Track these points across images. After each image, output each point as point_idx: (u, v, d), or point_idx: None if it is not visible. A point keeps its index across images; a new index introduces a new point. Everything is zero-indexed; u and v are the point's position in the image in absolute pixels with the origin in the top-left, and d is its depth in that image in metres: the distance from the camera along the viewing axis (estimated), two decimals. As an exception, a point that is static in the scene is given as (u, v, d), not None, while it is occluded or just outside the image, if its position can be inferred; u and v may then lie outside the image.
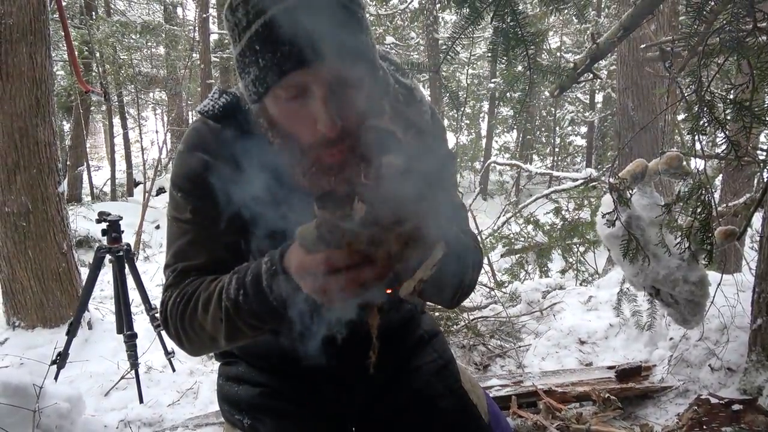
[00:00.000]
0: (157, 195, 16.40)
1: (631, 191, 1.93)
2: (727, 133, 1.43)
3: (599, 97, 14.73)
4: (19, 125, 3.47)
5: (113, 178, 13.94)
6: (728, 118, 1.52)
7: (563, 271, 5.65)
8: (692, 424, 2.04)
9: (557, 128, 15.78)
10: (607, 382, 2.63)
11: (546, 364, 3.05)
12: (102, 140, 20.10)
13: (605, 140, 13.81)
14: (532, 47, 1.48)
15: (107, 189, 14.54)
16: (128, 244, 2.79)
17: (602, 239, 2.24)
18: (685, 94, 1.93)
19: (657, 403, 2.55)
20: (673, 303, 2.22)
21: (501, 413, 1.30)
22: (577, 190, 5.78)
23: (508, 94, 2.11)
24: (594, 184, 5.87)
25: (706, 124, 1.64)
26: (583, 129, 15.82)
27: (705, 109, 1.56)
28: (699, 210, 1.51)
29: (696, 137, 1.72)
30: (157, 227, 12.19)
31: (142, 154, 15.29)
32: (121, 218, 2.76)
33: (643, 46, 3.82)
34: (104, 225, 2.72)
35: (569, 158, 16.40)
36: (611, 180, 1.71)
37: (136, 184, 16.30)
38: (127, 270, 2.81)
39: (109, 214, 2.77)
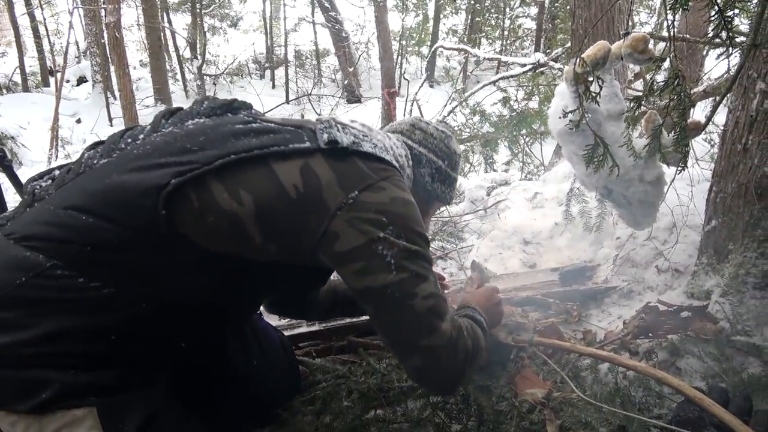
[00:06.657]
0: (78, 85, 14.91)
1: (591, 80, 1.63)
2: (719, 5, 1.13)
3: (551, -25, 13.95)
4: None
5: (22, 66, 12.54)
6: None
7: (508, 162, 5.49)
8: (638, 332, 1.93)
9: (507, 9, 15.02)
10: (551, 285, 2.50)
11: (489, 265, 2.90)
12: (7, 22, 17.85)
13: (555, 23, 13.26)
14: None
15: (18, 78, 13.10)
16: (2, 150, 2.30)
17: (554, 135, 1.97)
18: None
19: (600, 305, 2.46)
20: (626, 204, 2.04)
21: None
22: (526, 76, 5.46)
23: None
24: (542, 69, 5.55)
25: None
26: (534, 10, 15.13)
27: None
28: (674, 104, 1.24)
29: (674, 13, 1.40)
30: (78, 121, 11.11)
31: (48, 37, 13.68)
32: (-14, 117, 2.25)
33: None
34: (-36, 126, 2.21)
35: (518, 42, 15.83)
36: (577, 69, 1.39)
37: (52, 72, 14.70)
38: (4, 183, 2.34)
39: (-28, 113, 2.25)
